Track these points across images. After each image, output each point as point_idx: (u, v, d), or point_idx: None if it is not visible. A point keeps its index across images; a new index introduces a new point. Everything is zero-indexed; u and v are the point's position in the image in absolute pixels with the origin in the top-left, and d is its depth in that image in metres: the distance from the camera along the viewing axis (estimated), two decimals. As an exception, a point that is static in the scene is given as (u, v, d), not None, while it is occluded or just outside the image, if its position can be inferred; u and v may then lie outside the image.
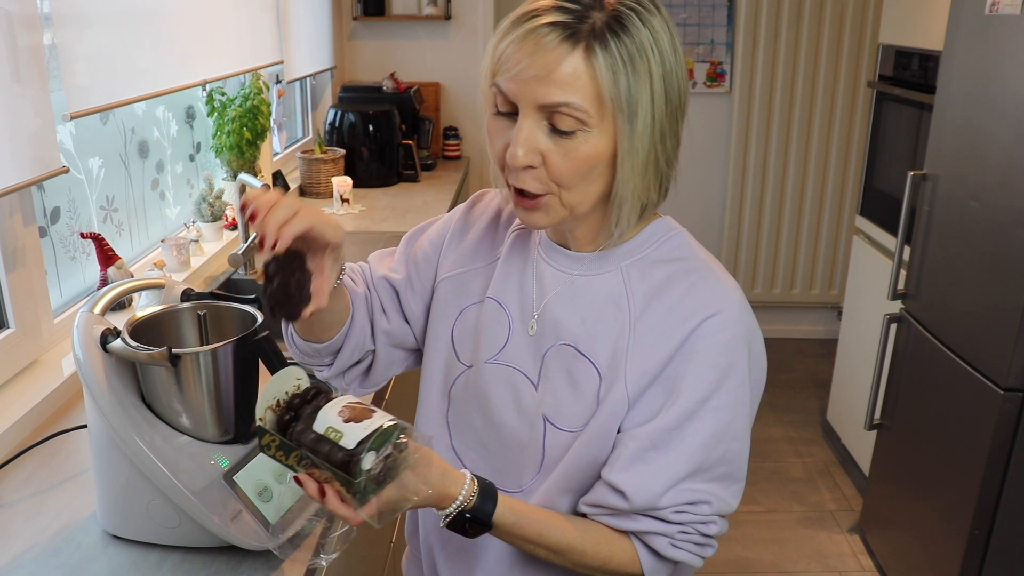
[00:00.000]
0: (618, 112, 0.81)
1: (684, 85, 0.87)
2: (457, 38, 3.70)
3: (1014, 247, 1.83)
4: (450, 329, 1.02)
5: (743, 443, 0.91)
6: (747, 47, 3.79)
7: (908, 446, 2.36)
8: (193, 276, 2.03)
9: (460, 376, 1.00)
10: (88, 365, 0.99)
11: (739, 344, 0.89)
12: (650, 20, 0.82)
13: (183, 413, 1.01)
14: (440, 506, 0.85)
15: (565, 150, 0.83)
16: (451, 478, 0.85)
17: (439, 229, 1.08)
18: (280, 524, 1.05)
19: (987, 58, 1.97)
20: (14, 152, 1.34)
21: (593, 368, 0.91)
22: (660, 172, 0.88)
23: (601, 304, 0.92)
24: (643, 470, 0.87)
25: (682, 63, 0.86)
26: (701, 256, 0.94)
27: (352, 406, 0.81)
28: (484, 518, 0.86)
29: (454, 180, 3.40)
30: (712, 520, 0.90)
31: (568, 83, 0.80)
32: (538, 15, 0.81)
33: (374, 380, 1.10)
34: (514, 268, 0.99)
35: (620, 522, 0.90)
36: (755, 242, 4.08)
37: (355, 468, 0.76)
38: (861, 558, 2.61)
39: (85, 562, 1.03)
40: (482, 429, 0.99)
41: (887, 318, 2.44)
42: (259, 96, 2.40)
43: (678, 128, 0.88)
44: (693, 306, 0.89)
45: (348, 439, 0.77)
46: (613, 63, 0.80)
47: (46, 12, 1.46)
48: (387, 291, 1.06)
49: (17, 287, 1.47)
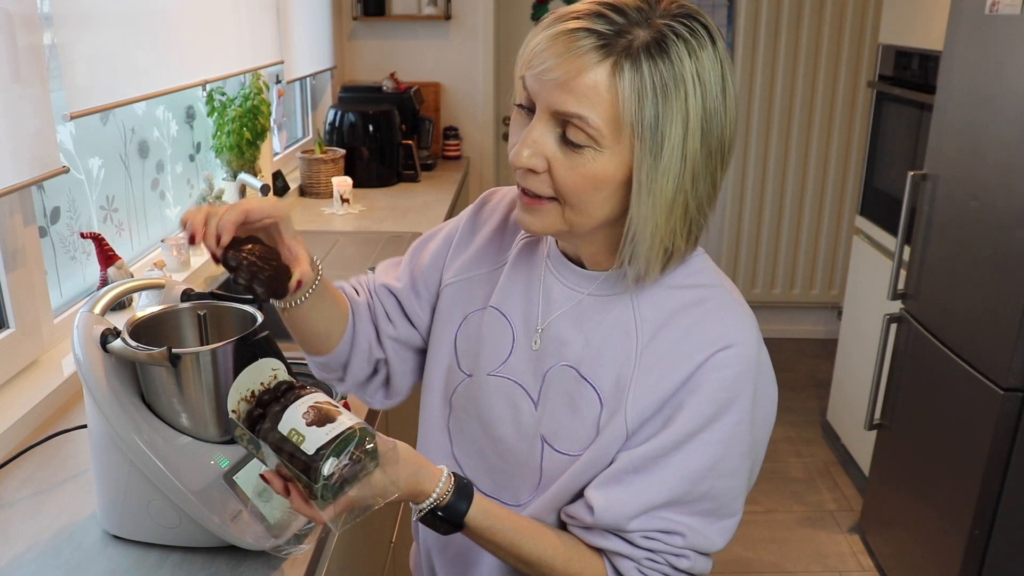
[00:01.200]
0: (637, 140, 0.76)
1: (730, 130, 0.80)
2: (457, 38, 3.70)
3: (1014, 247, 1.83)
4: (453, 335, 1.01)
5: (734, 481, 0.86)
6: (747, 47, 3.79)
7: (908, 446, 2.36)
8: (193, 276, 2.03)
9: (461, 384, 0.99)
10: (88, 365, 0.99)
11: (745, 381, 0.84)
12: (699, 52, 0.76)
13: (183, 413, 1.01)
14: (415, 501, 0.84)
15: (572, 163, 0.79)
16: (426, 474, 0.83)
17: (447, 234, 1.06)
18: (280, 524, 1.05)
19: (987, 58, 1.97)
20: (14, 152, 1.34)
21: (595, 394, 0.88)
22: (690, 218, 0.81)
23: (608, 328, 0.88)
24: (617, 491, 0.85)
25: (732, 107, 0.80)
26: (718, 282, 0.89)
27: (318, 407, 0.79)
28: (456, 517, 0.84)
29: (454, 180, 3.40)
30: (684, 554, 0.86)
31: (587, 96, 0.76)
32: (579, 17, 0.77)
33: (396, 391, 1.08)
34: (520, 278, 0.96)
35: (591, 537, 0.88)
36: (755, 242, 4.08)
37: (315, 474, 0.75)
38: (861, 558, 2.61)
39: (85, 562, 1.03)
40: (482, 440, 0.97)
41: (887, 318, 2.44)
42: (259, 96, 2.40)
43: (716, 174, 0.81)
44: (704, 338, 0.84)
45: (309, 444, 0.76)
46: (640, 87, 0.75)
47: (46, 12, 1.46)
48: (389, 299, 1.05)
49: (17, 287, 1.47)
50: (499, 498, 0.95)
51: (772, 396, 0.89)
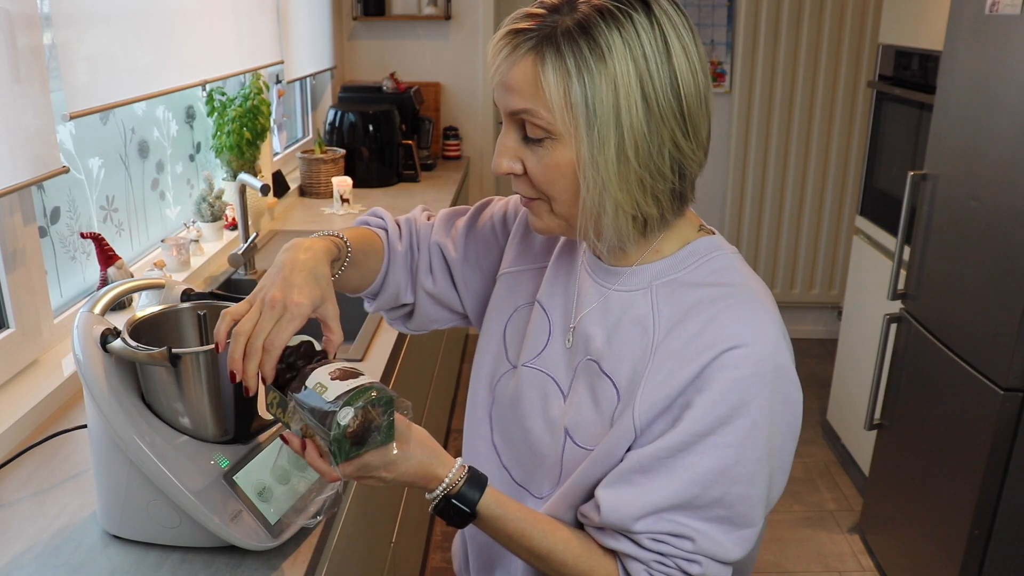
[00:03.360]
0: (572, 119, 0.79)
1: (686, 89, 0.80)
2: (457, 38, 3.70)
3: (1014, 247, 1.83)
4: (503, 325, 1.04)
5: (751, 489, 0.83)
6: (747, 47, 3.79)
7: (908, 446, 2.36)
8: (193, 276, 2.03)
9: (504, 374, 1.02)
10: (88, 365, 0.99)
11: (760, 384, 0.81)
12: (625, 22, 0.78)
13: (183, 413, 1.01)
14: (428, 487, 0.86)
15: (539, 157, 0.83)
16: (440, 460, 0.86)
17: (509, 214, 1.09)
18: (280, 524, 1.05)
19: (987, 58, 1.97)
20: (14, 152, 1.34)
21: (613, 388, 0.88)
22: (648, 184, 0.82)
23: (628, 323, 0.89)
24: (624, 490, 0.84)
25: (684, 66, 0.80)
26: (744, 282, 0.87)
27: (344, 369, 0.83)
28: (468, 505, 0.86)
29: (454, 180, 3.40)
30: (695, 559, 0.84)
31: (525, 89, 0.80)
32: (513, 21, 0.82)
33: (415, 325, 1.15)
34: (560, 276, 0.99)
35: (603, 537, 0.88)
36: (755, 242, 4.08)
37: (330, 421, 0.79)
38: (861, 558, 2.61)
39: (85, 562, 1.03)
40: (514, 431, 0.99)
41: (887, 318, 2.44)
42: (259, 96, 2.40)
43: (675, 135, 0.81)
44: (716, 336, 0.82)
45: (329, 393, 0.80)
46: (564, 70, 0.78)
47: (46, 12, 1.46)
48: (439, 259, 1.10)
49: (17, 287, 1.47)
50: (527, 488, 0.97)
51: (794, 402, 0.85)
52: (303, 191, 3.10)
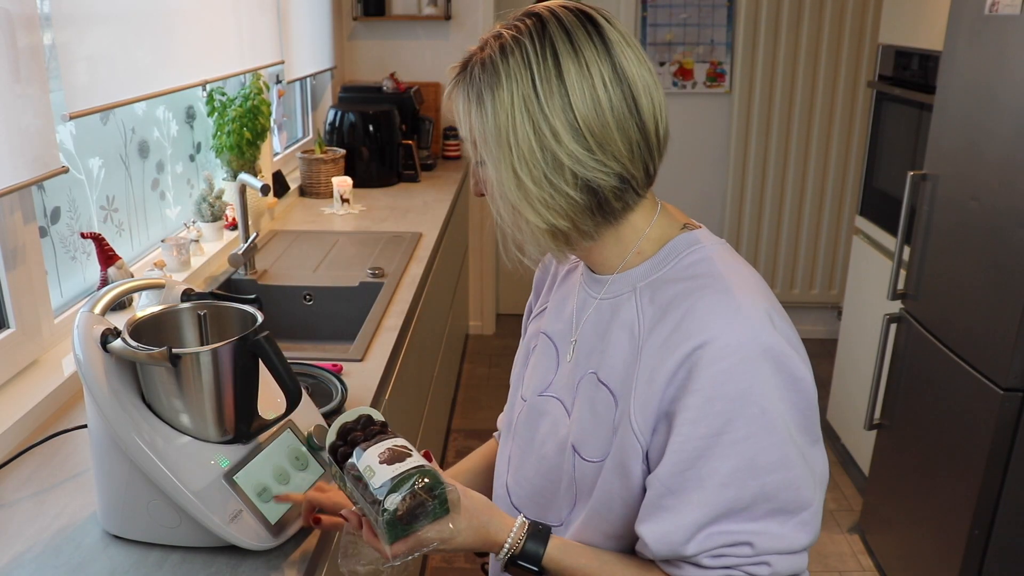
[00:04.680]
0: (481, 145, 0.85)
1: (576, 108, 0.80)
2: (457, 38, 3.70)
3: (1014, 247, 1.83)
4: (523, 371, 1.07)
5: (785, 474, 0.80)
6: (747, 47, 3.79)
7: (908, 446, 2.36)
8: (193, 276, 2.03)
9: (520, 412, 1.04)
10: (88, 365, 0.99)
11: (752, 369, 0.79)
12: (515, 50, 0.82)
13: (183, 413, 1.01)
14: (492, 552, 0.89)
15: (485, 178, 0.89)
16: (497, 525, 0.89)
17: (535, 284, 1.14)
18: (280, 524, 1.05)
19: (987, 58, 1.97)
20: (14, 152, 1.34)
21: (610, 396, 0.89)
22: (555, 201, 0.83)
23: (617, 329, 0.90)
24: (663, 518, 0.82)
25: (572, 86, 0.80)
26: (719, 272, 0.86)
27: (394, 448, 0.87)
28: (533, 562, 0.88)
29: (454, 180, 3.40)
30: (762, 561, 0.81)
31: (458, 121, 0.88)
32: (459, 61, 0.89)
33: None
34: (561, 299, 1.02)
35: (668, 568, 0.86)
36: (755, 242, 4.08)
37: (378, 507, 0.83)
38: (861, 558, 2.61)
39: (85, 562, 1.03)
40: (530, 463, 1.00)
41: (887, 318, 2.44)
42: (259, 96, 2.40)
43: (578, 153, 0.81)
44: (688, 329, 0.81)
45: (377, 479, 0.84)
46: (466, 98, 0.85)
47: (46, 12, 1.46)
48: None
49: (17, 287, 1.47)
50: (545, 520, 0.98)
51: (801, 377, 0.82)
52: (303, 191, 3.10)
